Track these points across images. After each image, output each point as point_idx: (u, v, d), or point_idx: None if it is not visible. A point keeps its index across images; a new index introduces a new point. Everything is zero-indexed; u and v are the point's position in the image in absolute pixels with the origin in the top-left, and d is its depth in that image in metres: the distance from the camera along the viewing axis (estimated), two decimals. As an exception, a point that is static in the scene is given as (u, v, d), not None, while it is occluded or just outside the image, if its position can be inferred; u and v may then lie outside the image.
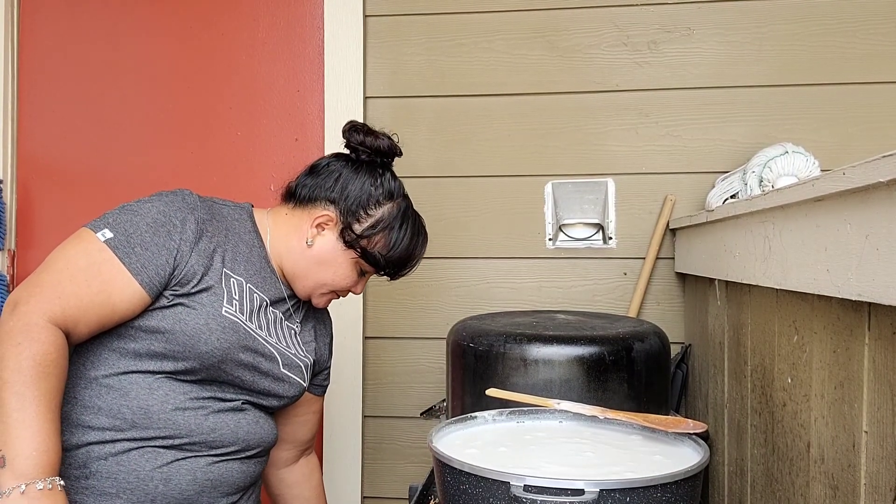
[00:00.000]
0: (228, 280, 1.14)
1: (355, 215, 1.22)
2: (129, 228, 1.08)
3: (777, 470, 1.03)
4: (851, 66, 1.73)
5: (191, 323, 1.08)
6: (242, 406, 1.18)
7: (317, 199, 1.23)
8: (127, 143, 2.03)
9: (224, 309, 1.11)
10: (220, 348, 1.10)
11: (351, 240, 1.21)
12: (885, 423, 0.70)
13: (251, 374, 1.16)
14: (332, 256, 1.22)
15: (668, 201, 1.77)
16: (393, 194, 1.24)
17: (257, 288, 1.19)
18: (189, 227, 1.11)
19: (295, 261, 1.23)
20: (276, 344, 1.21)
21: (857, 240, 0.72)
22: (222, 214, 1.20)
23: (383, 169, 1.26)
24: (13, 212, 2.05)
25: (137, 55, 2.03)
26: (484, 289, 1.86)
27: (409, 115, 1.88)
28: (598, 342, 1.21)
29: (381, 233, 1.22)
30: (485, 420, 1.11)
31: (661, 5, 1.80)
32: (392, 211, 1.23)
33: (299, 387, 1.25)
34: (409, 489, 1.47)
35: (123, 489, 1.07)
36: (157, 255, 1.08)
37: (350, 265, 1.23)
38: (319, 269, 1.23)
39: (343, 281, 1.24)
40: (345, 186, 1.23)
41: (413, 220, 1.26)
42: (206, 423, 1.12)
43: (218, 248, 1.15)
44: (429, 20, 1.88)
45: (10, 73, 2.04)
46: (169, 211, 1.12)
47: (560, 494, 0.79)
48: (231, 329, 1.12)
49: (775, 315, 1.03)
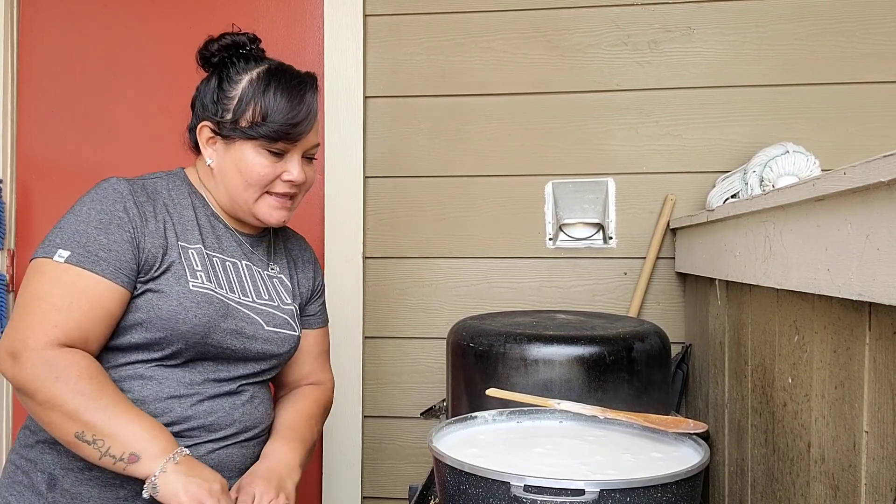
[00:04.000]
0: (186, 252, 1.15)
1: (219, 107, 1.18)
2: (81, 239, 1.08)
3: (777, 470, 1.03)
4: (851, 65, 1.73)
5: (164, 307, 1.09)
6: (239, 389, 1.18)
7: (195, 128, 1.22)
8: (127, 143, 2.03)
9: (191, 284, 1.12)
10: (200, 323, 1.11)
11: (227, 129, 1.17)
12: (885, 423, 0.70)
13: (239, 340, 1.16)
14: (231, 157, 1.18)
15: (669, 201, 1.77)
16: (248, 68, 1.19)
17: (216, 250, 1.19)
18: (132, 213, 1.12)
19: (220, 193, 1.21)
20: (252, 304, 1.20)
21: (857, 239, 0.72)
22: (157, 189, 1.19)
23: (236, 58, 1.21)
24: (13, 212, 2.05)
25: (137, 55, 2.03)
26: (484, 289, 1.86)
27: (409, 115, 1.88)
28: (598, 342, 1.21)
29: (250, 104, 1.16)
30: (485, 420, 1.11)
31: (661, 5, 1.80)
32: (252, 78, 1.18)
33: (292, 339, 1.24)
34: (409, 489, 1.47)
35: (127, 479, 1.07)
36: (120, 252, 1.09)
37: (251, 153, 1.17)
38: (233, 178, 1.18)
39: (257, 171, 1.17)
40: (203, 95, 1.22)
41: (283, 76, 1.19)
42: (201, 408, 1.13)
43: (166, 224, 1.15)
44: (429, 20, 1.88)
45: (10, 73, 2.03)
46: (107, 207, 1.11)
47: (560, 494, 0.79)
48: (205, 302, 1.12)
49: (776, 315, 1.03)
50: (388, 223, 1.89)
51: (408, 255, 1.89)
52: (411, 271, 1.89)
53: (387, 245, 1.89)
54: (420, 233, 1.88)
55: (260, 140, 1.16)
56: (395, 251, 1.88)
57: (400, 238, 1.89)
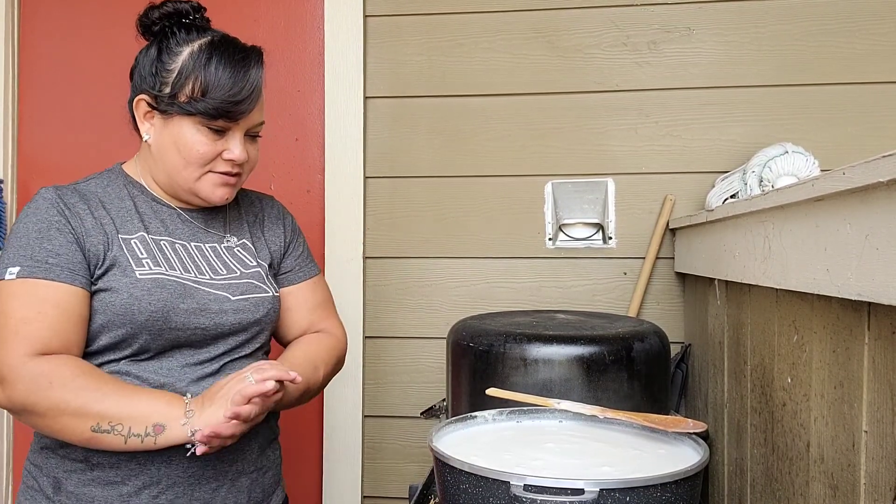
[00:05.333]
0: (129, 243, 1.12)
1: (157, 79, 1.12)
2: (27, 252, 1.06)
3: (777, 469, 1.03)
4: (851, 66, 1.73)
5: (117, 302, 1.07)
6: (223, 368, 1.15)
7: (133, 102, 1.16)
8: (126, 143, 2.03)
9: (138, 273, 1.09)
10: (156, 308, 1.08)
11: (165, 104, 1.11)
12: (884, 423, 0.70)
13: (206, 317, 1.13)
14: (169, 133, 1.13)
15: (668, 201, 1.77)
16: (190, 39, 1.13)
17: (162, 234, 1.16)
18: (66, 215, 1.09)
19: (158, 171, 1.17)
20: (211, 281, 1.16)
21: (856, 239, 0.72)
22: (89, 189, 1.16)
23: (178, 28, 1.15)
24: (13, 212, 2.05)
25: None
26: (484, 289, 1.86)
27: (409, 115, 1.88)
28: (597, 342, 1.21)
29: (189, 78, 1.10)
30: (485, 420, 1.11)
31: (661, 5, 1.80)
32: (194, 50, 1.12)
33: (266, 301, 1.20)
34: (409, 489, 1.47)
35: (127, 476, 1.08)
36: (68, 254, 1.07)
37: (190, 130, 1.11)
38: (171, 156, 1.13)
39: (196, 149, 1.12)
40: (141, 66, 1.16)
41: (226, 48, 1.13)
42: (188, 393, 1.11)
43: (103, 220, 1.12)
44: (429, 20, 1.88)
45: (11, 74, 2.04)
46: (42, 216, 1.09)
47: (560, 494, 0.79)
48: (157, 287, 1.09)
49: (775, 315, 1.03)
50: (388, 223, 1.89)
51: (408, 255, 1.89)
52: (411, 271, 1.89)
53: (387, 245, 1.89)
54: (420, 233, 1.88)
55: (199, 116, 1.10)
56: (395, 251, 1.89)
57: (400, 238, 1.89)
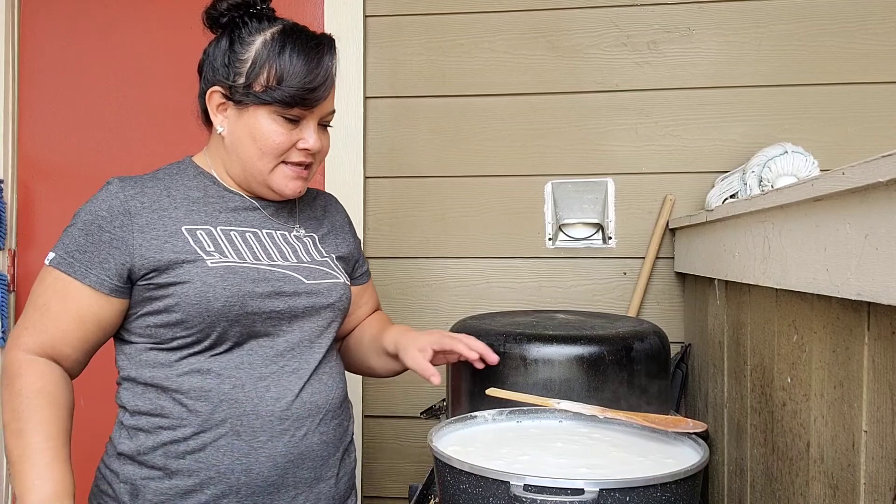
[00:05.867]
0: (194, 234, 1.11)
1: (230, 70, 1.12)
2: (67, 242, 1.11)
3: (777, 469, 1.03)
4: (850, 66, 1.73)
5: (191, 292, 1.06)
6: (301, 364, 1.13)
7: (204, 94, 1.16)
8: (127, 143, 2.03)
9: (209, 261, 1.09)
10: (232, 294, 1.07)
11: (240, 94, 1.11)
12: (884, 423, 0.71)
13: (281, 300, 1.12)
14: (244, 124, 1.13)
15: (668, 201, 1.77)
16: (262, 28, 1.13)
17: (232, 224, 1.15)
18: (116, 212, 1.09)
19: (233, 165, 1.17)
20: (284, 265, 1.15)
21: (856, 239, 0.72)
22: (157, 178, 1.16)
23: (248, 18, 1.15)
24: (13, 212, 2.05)
25: (137, 55, 2.03)
26: (484, 288, 1.86)
27: (409, 115, 1.88)
28: (597, 342, 1.21)
29: (264, 67, 1.11)
30: (485, 420, 1.11)
31: (661, 5, 1.80)
32: (266, 39, 1.12)
33: (339, 286, 1.20)
34: (409, 489, 1.47)
35: (206, 484, 1.06)
36: (95, 254, 1.08)
37: (266, 120, 1.12)
38: (246, 147, 1.13)
39: (273, 139, 1.12)
40: (213, 58, 1.16)
41: (298, 36, 1.13)
42: (268, 395, 1.09)
43: (165, 212, 1.11)
44: (429, 20, 1.88)
45: (11, 74, 2.04)
46: (95, 208, 1.11)
47: (560, 494, 0.79)
48: (229, 273, 1.08)
49: (775, 315, 1.03)
50: (388, 223, 1.89)
51: (408, 255, 1.89)
52: (411, 271, 1.89)
53: (387, 245, 1.89)
54: (420, 233, 1.88)
55: (275, 105, 1.10)
56: (396, 251, 1.89)
57: (400, 238, 1.89)
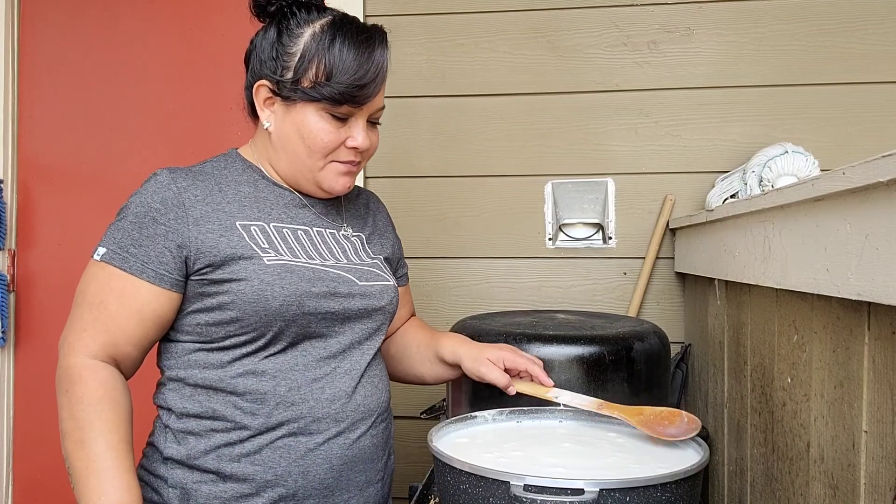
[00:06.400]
0: (249, 230, 1.07)
1: (278, 63, 1.08)
2: (117, 236, 1.05)
3: (777, 469, 1.03)
4: (850, 66, 1.73)
5: (248, 290, 1.03)
6: (353, 365, 1.12)
7: (251, 87, 1.12)
8: (127, 143, 2.03)
9: (266, 259, 1.05)
10: (289, 293, 1.04)
11: (288, 90, 1.07)
12: (884, 423, 0.71)
13: (336, 301, 1.09)
14: (291, 121, 1.09)
15: (668, 201, 1.77)
16: (311, 19, 1.09)
17: (284, 220, 1.12)
18: (170, 204, 1.05)
19: (279, 159, 1.13)
20: (337, 265, 1.13)
21: (856, 239, 0.72)
22: (206, 172, 1.11)
23: (297, 7, 1.11)
24: (13, 212, 2.05)
25: (137, 56, 2.03)
26: (484, 289, 1.86)
27: (409, 115, 1.88)
28: (598, 342, 1.21)
29: (313, 61, 1.06)
30: (485, 420, 1.11)
31: (661, 5, 1.80)
32: (315, 32, 1.07)
33: (389, 289, 1.18)
34: (409, 489, 1.47)
35: (263, 487, 1.04)
36: (151, 247, 1.04)
37: (314, 117, 1.08)
38: (294, 145, 1.10)
39: (321, 138, 1.08)
40: (260, 50, 1.11)
41: (348, 29, 1.08)
42: (323, 396, 1.07)
43: (218, 206, 1.08)
44: (429, 20, 1.88)
45: (11, 74, 2.04)
46: (146, 200, 1.05)
47: (560, 494, 0.79)
48: (286, 271, 1.05)
49: (775, 315, 1.03)
50: (388, 223, 1.89)
51: (408, 256, 1.87)
52: (412, 271, 1.87)
53: (387, 245, 1.89)
54: (420, 233, 1.88)
55: (323, 102, 1.06)
56: (395, 251, 1.88)
57: (400, 238, 1.88)
